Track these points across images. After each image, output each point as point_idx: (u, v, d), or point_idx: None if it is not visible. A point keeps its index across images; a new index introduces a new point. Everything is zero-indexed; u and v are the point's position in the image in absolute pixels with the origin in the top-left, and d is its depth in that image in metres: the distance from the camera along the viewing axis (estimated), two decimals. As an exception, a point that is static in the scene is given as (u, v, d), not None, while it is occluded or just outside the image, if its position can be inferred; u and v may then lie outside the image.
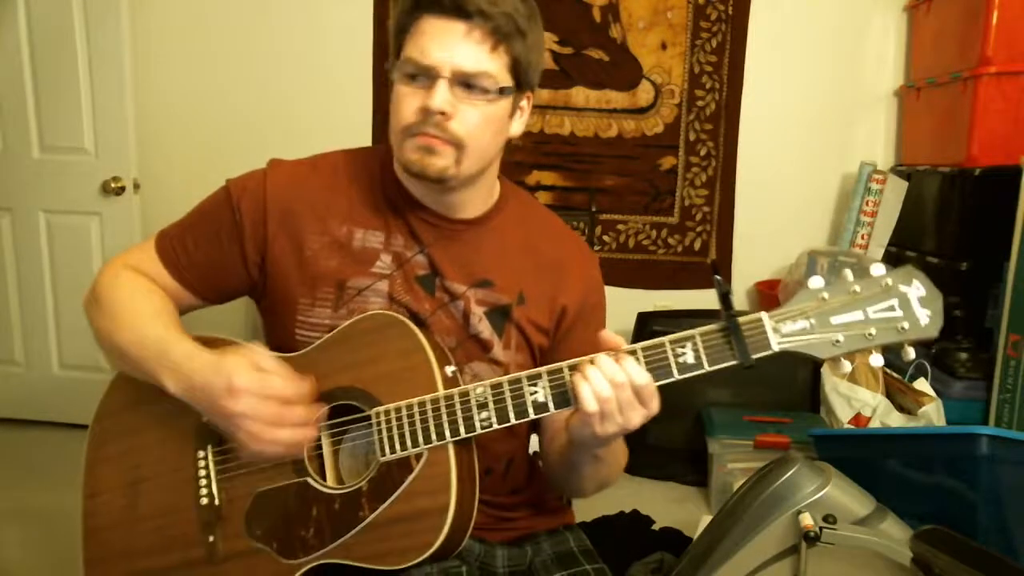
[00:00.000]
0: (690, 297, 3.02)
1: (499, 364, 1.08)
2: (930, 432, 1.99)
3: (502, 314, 1.08)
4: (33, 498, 2.25)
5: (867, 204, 2.76)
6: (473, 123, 0.98)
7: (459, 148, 0.99)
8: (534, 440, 1.18)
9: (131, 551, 1.06)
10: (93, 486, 1.10)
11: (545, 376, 0.92)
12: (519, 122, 1.07)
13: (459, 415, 0.94)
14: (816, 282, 0.87)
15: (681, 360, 0.89)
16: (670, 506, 2.43)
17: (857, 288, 0.86)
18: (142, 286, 1.08)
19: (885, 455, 1.79)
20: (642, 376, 0.88)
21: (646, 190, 3.04)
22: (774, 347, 0.86)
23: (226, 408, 0.93)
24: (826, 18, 2.92)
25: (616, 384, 0.87)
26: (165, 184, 2.91)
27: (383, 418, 0.96)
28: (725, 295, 0.88)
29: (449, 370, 0.98)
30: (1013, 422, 2.17)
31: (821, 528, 1.21)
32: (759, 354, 0.87)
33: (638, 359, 0.89)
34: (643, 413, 0.89)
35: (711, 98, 2.98)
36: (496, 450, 1.10)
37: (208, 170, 2.02)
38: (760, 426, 2.38)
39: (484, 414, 0.94)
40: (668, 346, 0.89)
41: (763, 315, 0.87)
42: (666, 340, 0.89)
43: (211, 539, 1.02)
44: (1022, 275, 2.13)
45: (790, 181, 2.99)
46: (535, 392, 0.92)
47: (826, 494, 1.27)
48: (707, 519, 1.71)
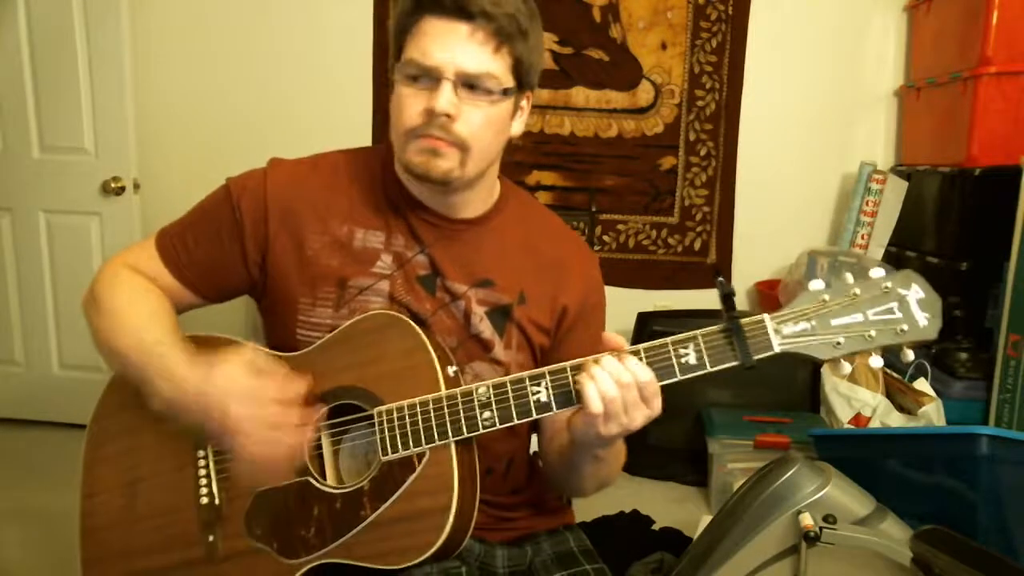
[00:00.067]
0: (690, 297, 3.02)
1: (500, 364, 1.08)
2: (930, 432, 2.00)
3: (503, 314, 1.08)
4: (33, 498, 2.25)
5: (867, 204, 2.75)
6: (477, 124, 0.98)
7: (463, 150, 0.99)
8: (534, 440, 1.18)
9: (130, 551, 1.06)
10: (91, 486, 1.10)
11: (548, 376, 0.93)
12: (519, 122, 1.07)
13: (461, 415, 0.94)
14: (817, 284, 0.88)
15: (683, 360, 0.89)
16: (670, 506, 2.42)
17: (857, 291, 0.87)
18: (140, 286, 1.08)
19: (885, 455, 1.79)
20: (646, 373, 0.88)
21: (646, 190, 3.04)
22: (776, 348, 0.87)
23: (223, 417, 0.93)
24: (826, 18, 2.92)
25: (622, 384, 0.87)
26: (165, 184, 2.91)
27: (385, 417, 0.96)
28: (727, 296, 0.88)
29: (451, 370, 0.98)
30: (1013, 422, 2.17)
31: (821, 528, 1.21)
32: (761, 355, 0.87)
33: (641, 359, 0.89)
34: (646, 413, 0.89)
35: (711, 98, 2.98)
36: (497, 450, 1.10)
37: (208, 170, 2.03)
38: (760, 426, 2.38)
39: (486, 414, 0.94)
40: (670, 347, 0.90)
41: (765, 316, 0.88)
42: (668, 341, 0.90)
43: (211, 539, 1.02)
44: (1022, 275, 2.13)
45: (790, 181, 2.99)
46: (538, 392, 0.93)
47: (826, 494, 1.27)
48: (707, 519, 1.71)
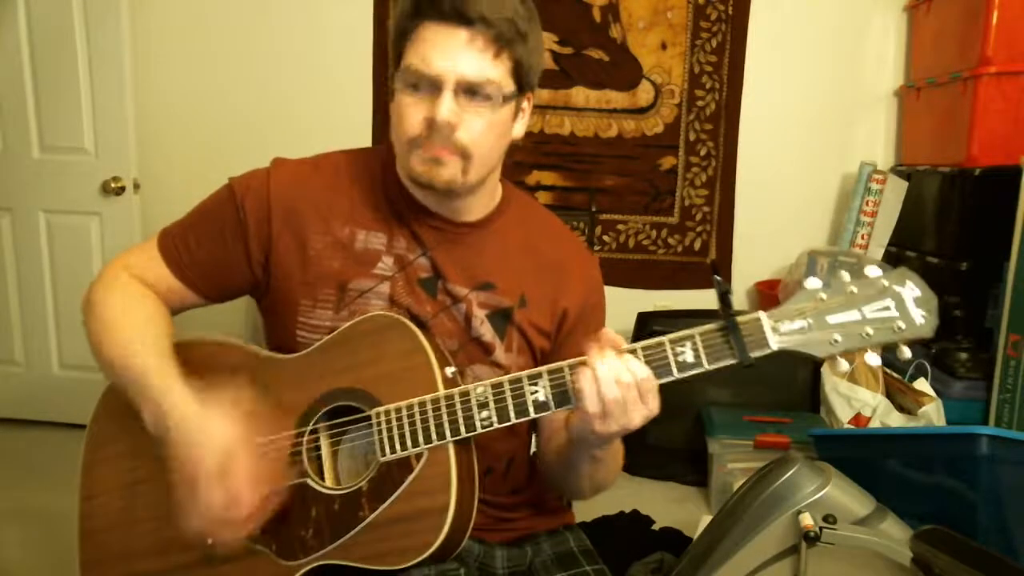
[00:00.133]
0: (690, 297, 3.02)
1: (500, 367, 1.07)
2: (930, 432, 1.99)
3: (504, 317, 1.08)
4: (33, 498, 2.25)
5: (867, 204, 2.75)
6: (478, 131, 0.98)
7: (466, 157, 0.98)
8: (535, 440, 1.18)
9: (128, 553, 1.06)
10: (90, 488, 1.10)
11: (546, 375, 0.92)
12: (521, 123, 1.07)
13: (459, 414, 0.94)
14: (813, 283, 0.88)
15: (680, 359, 0.89)
16: (670, 506, 2.43)
17: (854, 289, 0.87)
18: (136, 293, 1.07)
19: (885, 455, 1.79)
20: (643, 371, 0.88)
21: (646, 190, 3.03)
22: (772, 346, 0.87)
23: (184, 477, 0.92)
24: (826, 18, 2.92)
25: (621, 383, 0.87)
26: (165, 184, 2.91)
27: (383, 418, 0.96)
28: (724, 294, 0.88)
29: (449, 371, 0.98)
30: (1013, 422, 2.17)
31: (821, 528, 1.21)
32: (758, 353, 0.87)
33: (638, 358, 0.89)
34: (644, 412, 0.89)
35: (711, 98, 2.98)
36: (497, 450, 1.10)
37: (208, 170, 2.03)
38: (760, 426, 2.38)
39: (484, 413, 0.93)
40: (667, 345, 0.89)
41: (761, 314, 0.88)
42: (665, 339, 0.90)
43: (209, 541, 1.02)
44: (1022, 275, 2.13)
45: (790, 181, 2.99)
46: (536, 391, 0.92)
47: (826, 494, 1.27)
48: (707, 519, 1.71)
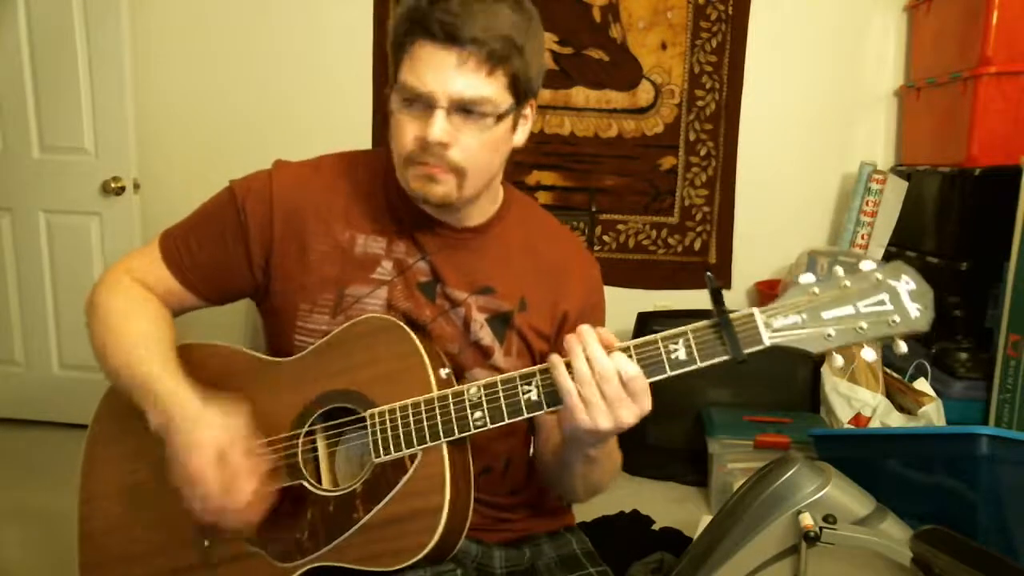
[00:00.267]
0: (690, 297, 3.01)
1: (500, 371, 1.06)
2: (930, 432, 1.99)
3: (503, 321, 1.08)
4: (33, 498, 2.25)
5: (867, 204, 2.75)
6: (473, 149, 0.97)
7: (460, 175, 0.98)
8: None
9: (127, 555, 1.06)
10: (90, 490, 1.10)
11: (538, 375, 0.92)
12: (523, 130, 1.05)
13: (452, 415, 0.93)
14: (807, 278, 0.87)
15: (674, 356, 0.88)
16: (670, 506, 2.42)
17: (847, 283, 0.86)
18: (138, 297, 1.07)
19: (885, 455, 1.79)
20: (631, 369, 0.87)
21: (646, 190, 3.03)
22: (766, 341, 0.86)
23: (182, 464, 0.94)
24: (826, 18, 2.92)
25: (601, 375, 0.86)
26: (165, 184, 2.91)
27: (377, 419, 0.96)
28: (716, 291, 0.88)
29: (444, 372, 0.98)
30: (1013, 422, 2.17)
31: (821, 528, 1.21)
32: (751, 349, 0.87)
33: (631, 356, 0.89)
34: (635, 411, 0.88)
35: (711, 98, 2.98)
36: (494, 450, 1.10)
37: (208, 170, 2.03)
38: (760, 426, 2.37)
39: (477, 414, 0.93)
40: (660, 343, 0.89)
41: (755, 310, 0.87)
42: (659, 337, 0.89)
43: (206, 543, 1.02)
44: (1022, 275, 2.13)
45: (790, 181, 2.99)
46: (528, 391, 0.92)
47: (826, 494, 1.26)
48: (707, 519, 1.71)
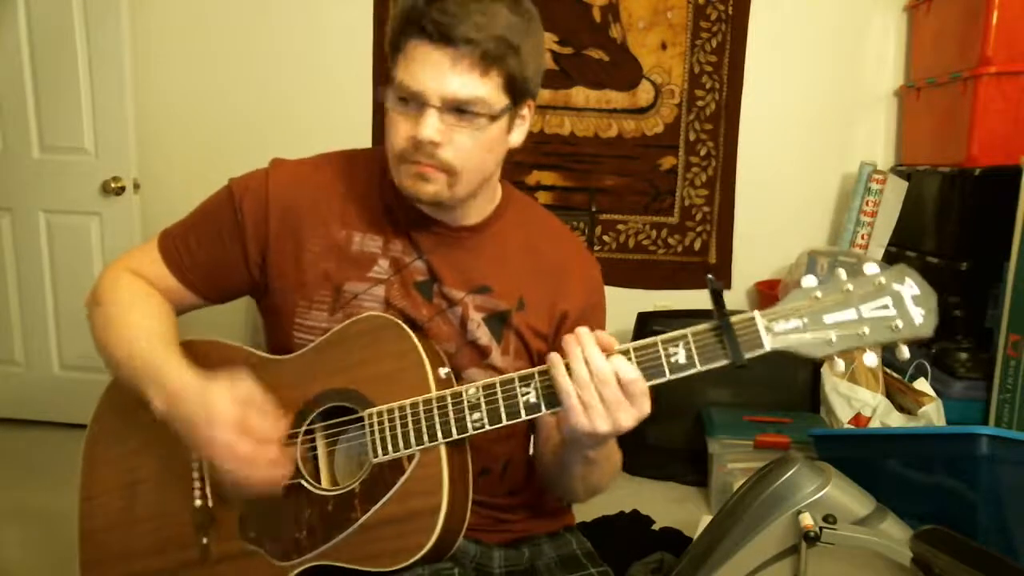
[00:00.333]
0: (690, 297, 3.01)
1: (497, 370, 1.06)
2: (930, 432, 1.99)
3: (501, 320, 1.07)
4: (33, 498, 2.25)
5: (867, 204, 2.75)
6: (466, 149, 0.96)
7: (452, 174, 0.97)
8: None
9: (127, 553, 1.06)
10: (90, 488, 1.10)
11: (537, 377, 0.91)
12: (521, 131, 1.05)
13: (451, 416, 0.93)
14: (809, 281, 0.86)
15: (673, 360, 0.87)
16: (670, 506, 2.42)
17: (850, 287, 0.85)
18: (140, 291, 1.08)
19: (885, 455, 1.79)
20: (630, 372, 0.86)
21: (646, 190, 3.03)
22: (766, 346, 0.85)
23: (205, 440, 0.93)
24: (826, 18, 2.92)
25: (600, 378, 0.86)
26: (165, 184, 2.91)
27: (375, 419, 0.96)
28: (717, 294, 0.87)
29: (443, 371, 0.98)
30: (1013, 422, 2.17)
31: (821, 528, 1.21)
32: (751, 353, 0.86)
33: (630, 359, 0.88)
34: (634, 414, 0.87)
35: (711, 98, 2.98)
36: (493, 451, 1.09)
37: (208, 170, 2.03)
38: (760, 426, 2.38)
39: (476, 415, 0.93)
40: (660, 346, 0.88)
41: (756, 314, 0.86)
42: (658, 340, 0.88)
43: (205, 541, 1.02)
44: (1022, 275, 2.13)
45: (790, 181, 2.99)
46: (527, 393, 0.92)
47: (826, 494, 1.26)
48: (707, 519, 1.71)
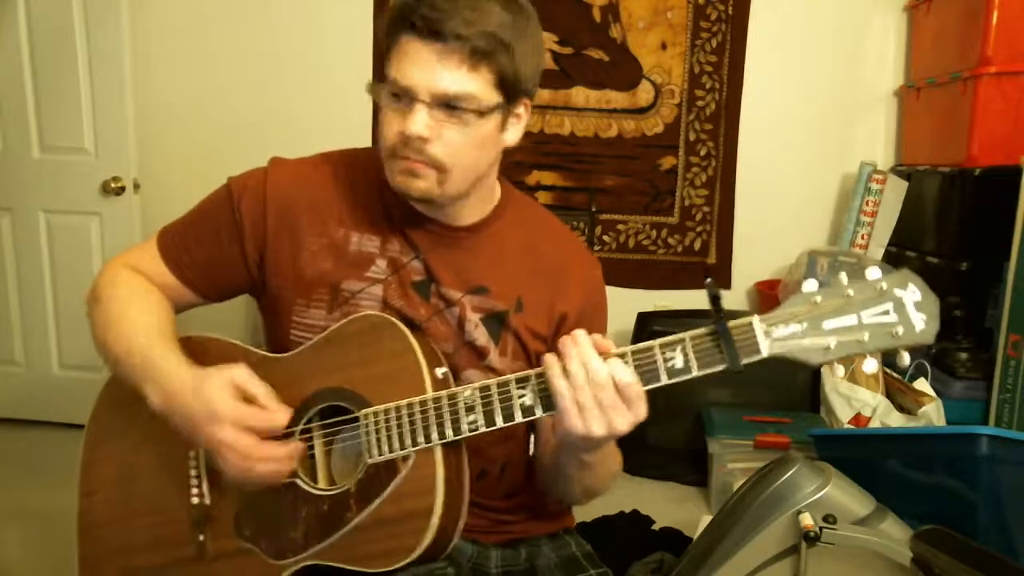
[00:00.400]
0: (690, 297, 3.01)
1: (495, 371, 1.06)
2: (930, 432, 1.99)
3: (498, 321, 1.07)
4: (33, 498, 2.25)
5: (867, 204, 2.75)
6: (456, 145, 0.96)
7: (441, 170, 0.97)
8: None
9: (126, 548, 1.07)
10: (89, 484, 1.10)
11: (533, 379, 0.91)
12: (516, 130, 1.04)
13: (446, 418, 0.93)
14: (809, 285, 0.85)
15: (670, 364, 0.87)
16: (670, 506, 2.42)
17: (851, 292, 0.84)
18: (139, 287, 1.08)
19: (885, 455, 1.79)
20: (627, 375, 0.86)
21: (646, 190, 3.03)
22: (764, 352, 0.84)
23: (205, 435, 0.93)
24: (826, 18, 2.92)
25: (595, 382, 0.85)
26: (165, 184, 2.91)
27: (372, 419, 0.96)
28: (715, 298, 0.86)
29: (440, 372, 0.97)
30: (1013, 422, 2.17)
31: (821, 528, 1.21)
32: (749, 359, 0.85)
33: (627, 362, 0.87)
34: (629, 418, 0.87)
35: (711, 98, 2.98)
36: (491, 453, 1.09)
37: (208, 170, 2.02)
38: (760, 426, 2.38)
39: (471, 417, 0.93)
40: (658, 350, 0.87)
41: (754, 319, 0.85)
42: (656, 344, 0.88)
43: (201, 538, 1.03)
44: (1022, 275, 2.13)
45: (790, 181, 2.99)
46: (523, 395, 0.91)
47: (826, 494, 1.27)
48: (707, 519, 1.71)
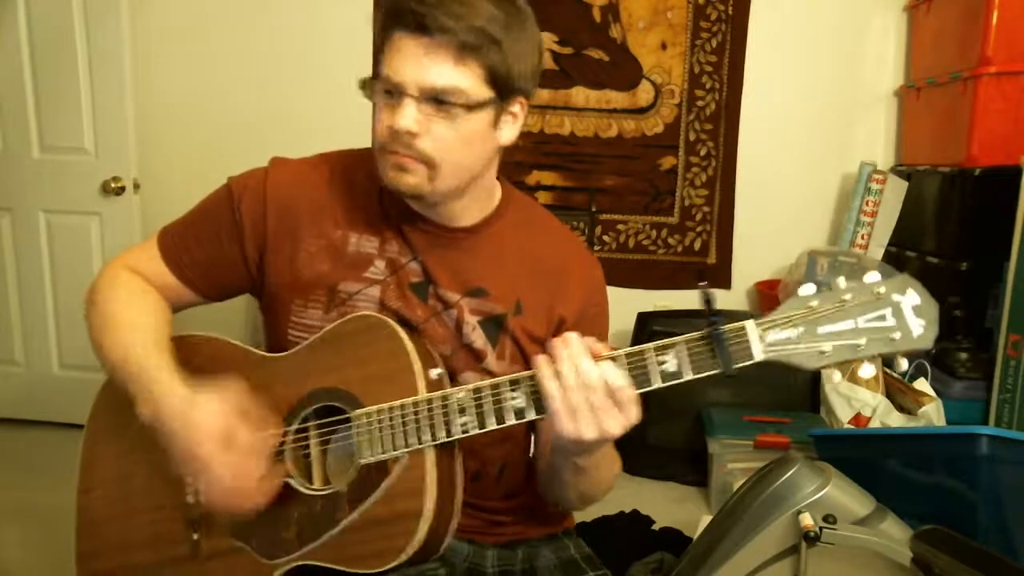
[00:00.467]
0: (690, 297, 3.01)
1: (492, 375, 1.05)
2: (930, 432, 1.99)
3: (496, 324, 1.07)
4: (33, 498, 2.25)
5: (867, 204, 2.75)
6: (445, 140, 0.96)
7: (430, 166, 0.97)
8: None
9: (123, 545, 1.07)
10: (88, 482, 1.11)
11: (526, 381, 0.91)
12: (511, 129, 1.03)
13: (438, 419, 0.93)
14: (807, 289, 0.84)
15: (663, 368, 0.86)
16: (670, 506, 2.42)
17: (848, 296, 0.83)
18: (137, 289, 1.08)
19: (885, 455, 1.79)
20: (618, 378, 0.85)
21: (646, 190, 3.03)
22: (757, 356, 0.84)
23: (190, 455, 0.93)
24: (826, 18, 2.92)
25: (586, 384, 0.85)
26: (165, 184, 2.90)
27: (365, 420, 0.96)
28: (708, 301, 0.86)
29: (434, 373, 0.97)
30: (1013, 422, 2.17)
31: (821, 528, 1.21)
32: (742, 363, 0.84)
33: (619, 365, 0.87)
34: (621, 421, 0.86)
35: (711, 98, 2.98)
36: (488, 455, 1.09)
37: (208, 170, 2.02)
38: (760, 426, 2.38)
39: (463, 419, 0.92)
40: (650, 353, 0.87)
41: (748, 323, 0.84)
42: (651, 347, 0.87)
43: (195, 537, 1.03)
44: (1022, 275, 2.13)
45: (790, 181, 2.99)
46: (516, 397, 0.91)
47: (826, 494, 1.26)
48: (707, 519, 1.71)
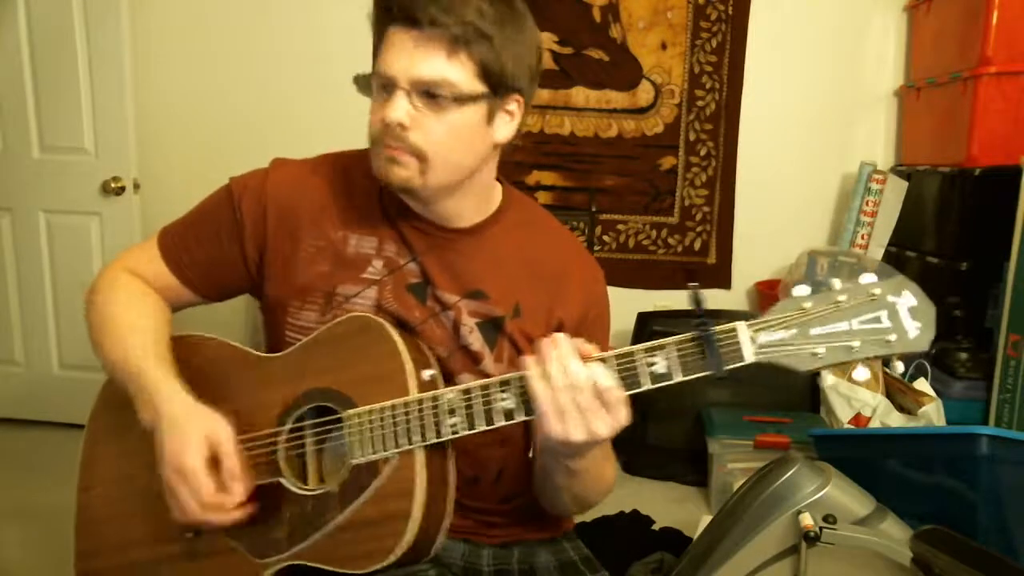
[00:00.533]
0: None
1: (490, 377, 1.04)
2: (930, 432, 1.99)
3: (495, 326, 1.06)
4: (33, 498, 2.24)
5: (867, 204, 2.75)
6: (436, 133, 0.96)
7: (421, 159, 0.97)
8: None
9: (122, 544, 1.07)
10: (88, 480, 1.11)
11: (515, 382, 0.90)
12: (507, 127, 1.02)
13: (428, 420, 0.93)
14: (801, 290, 0.83)
15: (653, 369, 0.86)
16: (670, 506, 2.42)
17: (843, 298, 0.82)
18: (136, 291, 1.08)
19: (885, 455, 1.79)
20: (606, 379, 0.85)
21: (646, 190, 3.03)
22: (748, 358, 0.83)
23: (166, 471, 0.95)
24: (826, 18, 2.92)
25: (574, 385, 0.84)
26: (165, 184, 2.90)
27: (356, 420, 0.96)
28: (698, 302, 0.85)
29: (427, 374, 0.97)
30: (1013, 422, 2.17)
31: (821, 528, 1.21)
32: (733, 365, 0.83)
33: (608, 367, 0.86)
34: (609, 423, 0.85)
35: (711, 98, 2.98)
36: (485, 457, 1.08)
37: (208, 170, 2.02)
38: (760, 426, 2.38)
39: (452, 420, 0.92)
40: (640, 355, 0.86)
41: (739, 324, 0.84)
42: (640, 348, 0.87)
43: (189, 535, 1.03)
44: (1022, 275, 2.13)
45: (790, 181, 2.99)
46: (505, 399, 0.91)
47: (826, 494, 1.26)
48: (707, 519, 1.71)
